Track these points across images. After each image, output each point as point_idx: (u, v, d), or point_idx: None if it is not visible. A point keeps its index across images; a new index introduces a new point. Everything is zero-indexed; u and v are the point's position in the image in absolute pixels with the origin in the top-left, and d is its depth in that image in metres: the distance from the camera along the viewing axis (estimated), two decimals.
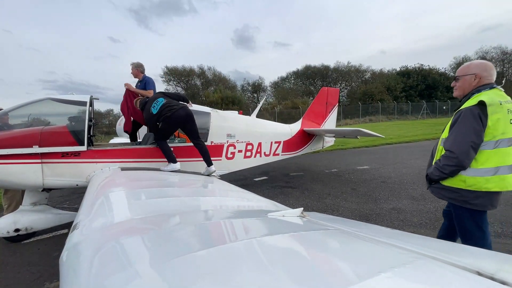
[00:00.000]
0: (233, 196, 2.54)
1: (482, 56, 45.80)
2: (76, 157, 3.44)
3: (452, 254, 0.90)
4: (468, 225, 1.94)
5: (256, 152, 5.32)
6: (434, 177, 2.00)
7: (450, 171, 1.86)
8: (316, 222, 1.44)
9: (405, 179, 5.71)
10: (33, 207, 3.71)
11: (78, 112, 3.60)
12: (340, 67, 44.94)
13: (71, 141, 3.38)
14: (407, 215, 3.84)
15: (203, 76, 43.22)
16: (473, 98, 1.87)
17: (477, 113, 1.77)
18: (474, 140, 1.77)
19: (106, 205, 2.07)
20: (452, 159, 1.82)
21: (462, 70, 2.03)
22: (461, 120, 1.82)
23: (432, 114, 34.03)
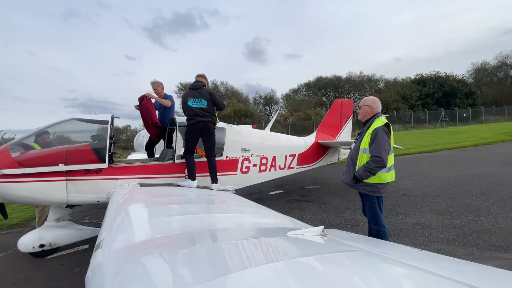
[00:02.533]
0: (250, 212, 2.52)
1: (502, 60, 44.16)
2: (98, 174, 3.56)
3: (492, 281, 0.84)
4: (377, 210, 2.78)
5: (271, 166, 5.30)
6: (364, 177, 2.71)
7: (376, 170, 2.65)
8: (339, 242, 1.39)
9: (427, 191, 5.46)
10: (57, 222, 3.85)
11: (100, 130, 3.77)
12: (353, 77, 44.71)
13: (93, 158, 3.52)
14: (432, 230, 3.65)
15: (216, 90, 44.26)
16: (377, 120, 2.77)
17: (386, 130, 2.68)
18: (388, 149, 2.66)
19: (127, 222, 2.11)
20: (380, 162, 2.60)
21: (362, 102, 3.01)
22: (379, 136, 2.64)
23: (451, 122, 32.78)
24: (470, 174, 6.63)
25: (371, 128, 2.74)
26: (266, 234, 1.64)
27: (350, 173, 2.90)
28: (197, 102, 3.89)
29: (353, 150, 2.97)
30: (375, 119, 2.80)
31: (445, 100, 37.67)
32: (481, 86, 44.49)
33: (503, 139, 13.94)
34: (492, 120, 33.92)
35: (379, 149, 2.60)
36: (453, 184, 5.84)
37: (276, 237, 1.57)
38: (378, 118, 2.80)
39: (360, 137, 2.91)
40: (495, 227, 3.60)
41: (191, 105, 3.87)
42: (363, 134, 2.86)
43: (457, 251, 3.07)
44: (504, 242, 3.18)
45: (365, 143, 2.75)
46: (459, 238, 3.38)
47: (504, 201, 4.53)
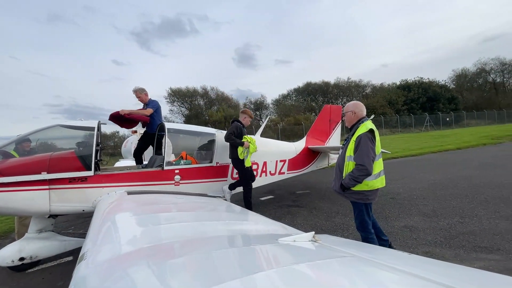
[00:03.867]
0: (240, 219, 2.49)
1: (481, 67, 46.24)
2: (83, 182, 3.45)
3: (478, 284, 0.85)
4: (365, 217, 2.77)
5: (262, 172, 5.29)
6: (350, 185, 2.68)
7: (362, 179, 2.62)
8: (330, 248, 1.39)
9: (414, 194, 5.58)
10: (39, 234, 3.67)
11: (86, 137, 3.66)
12: (341, 83, 45.64)
13: (78, 166, 3.41)
14: (420, 233, 3.71)
15: (206, 96, 44.09)
16: (362, 126, 2.71)
17: (370, 137, 2.63)
18: (373, 155, 2.61)
19: (113, 232, 2.04)
20: (364, 170, 2.57)
21: (345, 109, 3.00)
22: (363, 143, 2.60)
23: (436, 126, 33.89)
24: (454, 177, 6.83)
25: (355, 134, 2.71)
26: (257, 241, 1.61)
27: (338, 181, 2.87)
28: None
29: (340, 157, 2.95)
30: (360, 125, 2.75)
31: (429, 105, 38.96)
32: (462, 91, 46.42)
33: (484, 142, 14.50)
34: (474, 124, 35.30)
35: (362, 157, 2.57)
36: (439, 187, 6.00)
37: (267, 244, 1.55)
38: (363, 123, 2.74)
39: (346, 143, 2.88)
40: (480, 228, 3.70)
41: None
42: (348, 141, 2.82)
43: (444, 253, 3.13)
44: (489, 243, 3.27)
45: (350, 150, 2.72)
46: (446, 240, 3.45)
47: (487, 203, 4.68)
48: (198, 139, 4.93)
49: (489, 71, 46.45)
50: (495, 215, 4.11)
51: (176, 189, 4.05)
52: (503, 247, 3.15)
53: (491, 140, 15.36)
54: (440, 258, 3.03)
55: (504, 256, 2.96)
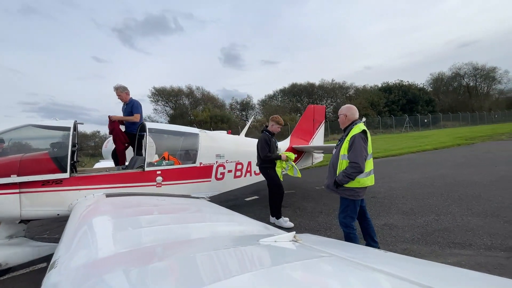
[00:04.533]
0: (223, 220, 2.46)
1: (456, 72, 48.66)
2: (58, 185, 3.29)
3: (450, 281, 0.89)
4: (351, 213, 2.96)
5: (246, 172, 5.27)
6: (343, 182, 2.85)
7: (355, 176, 2.78)
8: (310, 248, 1.40)
9: (394, 193, 5.77)
10: (9, 240, 3.46)
11: (61, 138, 3.49)
12: (325, 84, 46.49)
13: (52, 168, 3.25)
14: (399, 231, 3.84)
15: (191, 95, 43.47)
16: (355, 127, 2.89)
17: (363, 137, 2.82)
18: (365, 154, 2.78)
19: (88, 237, 1.96)
20: (358, 167, 2.74)
21: (339, 112, 3.18)
22: (357, 143, 2.77)
23: (415, 127, 35.31)
24: (431, 176, 7.14)
25: (349, 135, 2.87)
26: (238, 243, 1.60)
27: (331, 179, 3.02)
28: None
29: (334, 156, 3.11)
30: (353, 126, 2.93)
31: (409, 107, 40.57)
32: (439, 94, 48.74)
33: (459, 143, 15.27)
34: (449, 125, 37.13)
35: (356, 156, 2.74)
36: (417, 186, 6.24)
37: (248, 245, 1.54)
38: (356, 125, 2.93)
39: (340, 143, 3.04)
40: (454, 225, 3.88)
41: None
42: (342, 141, 2.99)
43: (421, 250, 3.25)
44: (462, 239, 3.44)
45: (344, 149, 2.88)
46: (422, 237, 3.59)
47: (460, 201, 4.92)
48: (181, 139, 4.84)
49: (463, 76, 49.09)
50: (468, 212, 4.33)
51: (158, 190, 3.95)
52: (474, 242, 3.31)
53: (465, 140, 16.21)
54: (417, 254, 3.14)
55: (475, 251, 3.12)
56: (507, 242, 3.24)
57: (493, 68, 47.12)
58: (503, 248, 3.11)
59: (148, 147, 5.14)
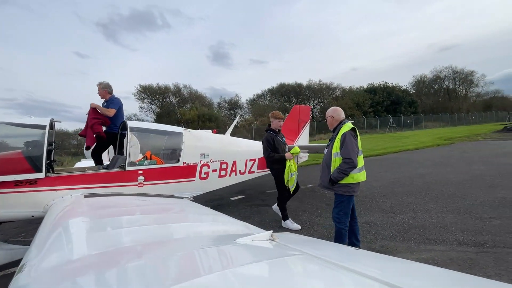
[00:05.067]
0: (203, 220, 2.45)
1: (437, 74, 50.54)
2: (32, 185, 3.16)
3: (414, 277, 0.93)
4: (345, 209, 3.02)
5: (231, 171, 5.26)
6: (338, 179, 2.93)
7: (349, 171, 2.88)
8: (284, 246, 1.42)
9: (375, 192, 5.94)
10: None
11: (36, 136, 3.35)
12: (313, 85, 47.04)
13: (26, 168, 3.12)
14: (378, 228, 3.96)
15: (178, 94, 42.80)
16: (344, 126, 3.01)
17: (353, 134, 2.94)
18: (357, 150, 2.93)
19: (62, 239, 1.90)
20: (351, 163, 2.85)
21: (326, 115, 3.30)
22: (347, 139, 2.88)
23: (398, 128, 36.42)
24: (411, 175, 7.40)
25: (339, 133, 2.98)
26: (214, 242, 1.60)
27: (326, 177, 3.10)
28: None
29: (326, 155, 3.19)
30: (342, 125, 3.05)
31: (393, 108, 41.78)
32: (421, 96, 50.47)
33: (439, 143, 15.90)
34: (430, 126, 38.58)
35: (348, 152, 2.85)
36: (397, 185, 6.46)
37: (223, 245, 1.55)
38: (345, 124, 3.05)
39: (331, 143, 3.14)
40: (429, 222, 4.05)
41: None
42: (333, 140, 3.10)
43: (398, 246, 3.37)
44: (436, 235, 3.59)
45: (336, 147, 2.99)
46: (400, 234, 3.72)
47: (437, 199, 5.13)
48: (164, 139, 4.77)
49: (444, 78, 51.14)
50: (443, 209, 4.53)
51: (140, 190, 3.88)
52: (447, 238, 3.47)
53: (444, 141, 16.90)
54: (394, 251, 3.26)
55: (448, 246, 3.27)
56: (477, 238, 3.42)
57: (471, 72, 49.45)
58: (473, 244, 3.28)
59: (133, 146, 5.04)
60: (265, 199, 6.00)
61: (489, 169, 7.53)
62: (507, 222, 3.82)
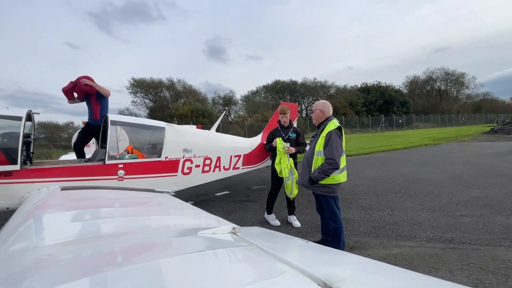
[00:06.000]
0: (175, 214, 2.49)
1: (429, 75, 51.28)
2: (7, 177, 3.14)
3: (349, 270, 0.99)
4: (334, 207, 2.96)
5: (215, 167, 5.29)
6: (319, 179, 2.85)
7: (330, 172, 2.80)
8: (240, 239, 1.48)
9: (357, 189, 6.06)
10: None
11: (12, 128, 3.33)
12: (307, 82, 47.22)
13: (1, 160, 3.10)
14: (354, 224, 4.06)
15: (172, 88, 42.38)
16: (330, 124, 2.90)
17: (339, 133, 2.84)
18: (341, 151, 2.83)
19: (27, 231, 1.92)
20: (334, 164, 2.76)
21: (314, 106, 3.15)
22: (333, 139, 2.78)
23: (390, 127, 36.94)
24: (395, 174, 7.56)
25: (324, 131, 2.87)
26: (174, 234, 1.64)
27: (306, 175, 3.02)
28: None
29: (308, 152, 3.09)
30: (328, 122, 2.93)
31: (385, 107, 42.27)
32: (413, 96, 51.15)
33: (426, 143, 16.21)
34: (421, 126, 39.23)
35: (333, 152, 2.74)
36: (380, 183, 6.60)
37: (181, 236, 1.59)
38: (331, 121, 2.93)
39: (315, 139, 3.03)
40: (404, 219, 4.17)
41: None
42: (317, 137, 2.98)
43: (370, 242, 3.47)
44: (409, 232, 3.71)
45: (319, 145, 2.88)
46: (374, 230, 3.83)
47: (415, 197, 5.28)
48: (146, 133, 4.77)
49: (436, 79, 51.91)
50: (419, 207, 4.66)
51: (120, 184, 3.88)
52: (418, 235, 3.59)
53: (432, 141, 17.23)
54: (366, 246, 3.36)
55: (417, 242, 3.39)
56: (446, 234, 3.55)
57: (462, 74, 50.36)
58: (442, 240, 3.40)
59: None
60: (250, 195, 6.06)
61: (469, 168, 7.75)
62: (477, 219, 3.97)
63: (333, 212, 2.98)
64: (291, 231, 3.94)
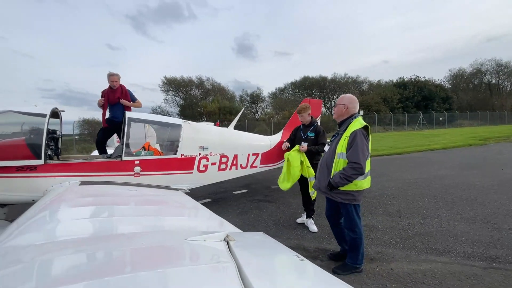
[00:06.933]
0: (177, 214, 2.41)
1: (477, 68, 46.29)
2: (33, 171, 3.34)
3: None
4: (355, 217, 2.63)
5: (232, 165, 5.20)
6: (340, 185, 2.51)
7: (354, 178, 2.46)
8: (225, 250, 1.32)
9: (385, 193, 5.56)
10: None
11: (37, 124, 3.53)
12: (338, 78, 45.34)
13: (27, 154, 3.30)
14: (378, 232, 3.69)
15: (201, 86, 43.53)
16: (355, 122, 2.54)
17: (365, 133, 2.48)
18: (367, 154, 2.47)
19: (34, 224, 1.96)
20: (359, 169, 2.40)
21: (338, 100, 2.76)
22: (358, 140, 2.41)
23: (429, 125, 34.04)
24: (430, 177, 6.84)
25: (348, 130, 2.51)
26: (161, 240, 1.54)
27: (324, 179, 2.67)
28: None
29: (328, 153, 2.73)
30: (353, 120, 2.56)
31: (424, 103, 39.01)
32: (457, 91, 46.50)
33: (471, 143, 14.58)
34: (466, 124, 35.53)
35: (358, 155, 2.38)
36: (412, 186, 5.99)
37: (167, 243, 1.48)
38: (356, 119, 2.56)
39: (336, 139, 2.67)
40: (437, 229, 3.69)
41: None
42: (338, 136, 2.62)
43: (395, 254, 3.10)
44: (442, 245, 3.26)
45: (341, 146, 2.51)
46: (401, 240, 3.43)
47: (453, 204, 4.68)
48: (164, 130, 4.82)
49: (485, 72, 46.54)
50: (457, 216, 4.11)
51: (136, 180, 3.95)
52: (454, 249, 3.13)
53: (478, 141, 15.45)
54: (390, 258, 3.00)
55: (452, 258, 2.95)
56: (489, 251, 3.04)
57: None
58: (483, 258, 2.92)
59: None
60: (268, 195, 5.89)
61: None
62: None
63: (353, 222, 2.64)
64: (306, 236, 3.69)
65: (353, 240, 2.69)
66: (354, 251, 2.71)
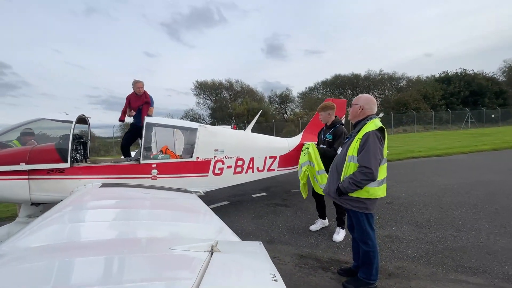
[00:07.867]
0: (178, 219, 2.43)
1: None
2: (61, 173, 3.65)
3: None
4: (367, 227, 2.44)
5: (248, 168, 5.16)
6: (348, 191, 2.35)
7: (364, 184, 2.28)
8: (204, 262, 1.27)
9: (415, 200, 5.06)
10: (28, 219, 3.99)
11: (65, 130, 3.85)
12: (372, 75, 42.98)
13: (56, 158, 3.61)
14: (401, 245, 3.35)
15: (231, 89, 44.45)
16: (370, 123, 2.36)
17: (380, 136, 2.29)
18: (380, 158, 2.28)
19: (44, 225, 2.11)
20: (369, 174, 2.23)
21: (354, 100, 2.58)
22: (370, 142, 2.24)
23: (478, 123, 30.54)
24: (472, 182, 6.08)
25: (361, 132, 2.35)
26: (143, 248, 1.54)
27: (333, 184, 2.53)
28: None
29: (339, 156, 2.58)
30: (367, 121, 2.40)
31: (472, 99, 35.13)
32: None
33: None
34: None
35: (369, 159, 2.22)
36: (449, 193, 5.38)
37: (149, 253, 1.48)
38: (371, 120, 2.39)
39: (348, 141, 2.52)
40: (474, 244, 3.24)
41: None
42: (351, 138, 2.47)
43: (418, 271, 2.78)
44: (476, 263, 2.84)
45: (353, 149, 2.36)
46: (427, 255, 3.07)
47: (496, 215, 4.08)
48: (183, 134, 4.96)
49: None
50: (499, 230, 3.57)
51: (153, 183, 4.12)
52: (491, 269, 2.71)
53: None
54: (411, 275, 2.70)
55: (488, 280, 2.55)
56: None
57: None
58: None
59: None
60: (286, 199, 5.74)
61: None
62: None
63: (365, 233, 2.44)
64: (320, 245, 3.49)
65: (365, 253, 2.47)
66: (367, 265, 2.49)
